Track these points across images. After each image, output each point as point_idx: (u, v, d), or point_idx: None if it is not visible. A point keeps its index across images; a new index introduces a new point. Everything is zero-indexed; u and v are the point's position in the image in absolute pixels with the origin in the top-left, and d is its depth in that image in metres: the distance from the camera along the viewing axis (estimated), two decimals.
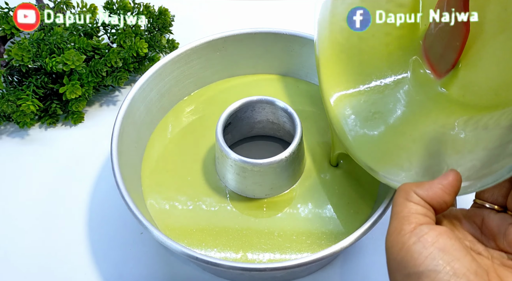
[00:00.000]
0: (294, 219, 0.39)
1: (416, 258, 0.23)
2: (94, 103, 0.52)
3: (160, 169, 0.42)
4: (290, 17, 0.61)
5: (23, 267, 0.41)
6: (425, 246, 0.23)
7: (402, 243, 0.24)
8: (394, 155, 0.34)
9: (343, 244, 0.33)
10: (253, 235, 0.38)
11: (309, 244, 0.38)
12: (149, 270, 0.41)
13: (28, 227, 0.43)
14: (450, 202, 0.26)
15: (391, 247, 0.25)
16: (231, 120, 0.40)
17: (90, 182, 0.46)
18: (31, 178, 0.47)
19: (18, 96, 0.46)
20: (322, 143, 0.43)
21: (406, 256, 0.23)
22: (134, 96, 0.41)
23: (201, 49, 0.45)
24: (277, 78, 0.48)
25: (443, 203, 0.26)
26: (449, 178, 0.26)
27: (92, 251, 0.42)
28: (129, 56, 0.49)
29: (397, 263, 0.24)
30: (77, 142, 0.49)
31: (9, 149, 0.49)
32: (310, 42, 0.44)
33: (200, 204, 0.40)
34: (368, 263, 0.41)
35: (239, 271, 0.34)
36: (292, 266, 0.32)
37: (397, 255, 0.24)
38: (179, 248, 0.33)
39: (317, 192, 0.40)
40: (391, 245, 0.25)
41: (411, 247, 0.23)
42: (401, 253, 0.24)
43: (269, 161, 0.37)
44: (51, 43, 0.46)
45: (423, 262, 0.23)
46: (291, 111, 0.39)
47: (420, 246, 0.23)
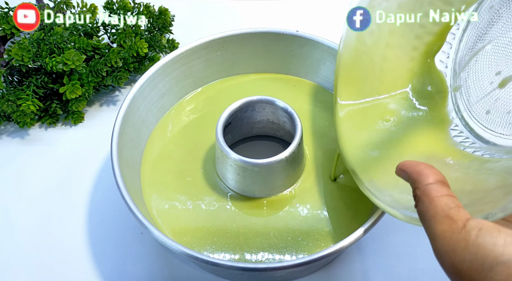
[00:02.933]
0: (294, 218, 0.39)
1: (492, 250, 0.22)
2: (94, 103, 0.52)
3: (160, 168, 0.42)
4: (290, 17, 0.61)
5: (23, 267, 0.41)
6: (494, 235, 0.22)
7: (464, 240, 0.23)
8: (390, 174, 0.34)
9: (342, 244, 0.33)
10: (253, 234, 0.38)
11: (309, 243, 0.38)
12: (149, 270, 0.41)
13: (28, 226, 0.43)
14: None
15: (452, 251, 0.23)
16: (231, 120, 0.40)
17: (90, 182, 0.46)
18: (31, 178, 0.47)
19: (18, 96, 0.46)
20: (322, 143, 0.43)
21: (479, 251, 0.22)
22: (134, 96, 0.41)
23: (201, 49, 0.45)
24: (277, 77, 0.48)
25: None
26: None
27: (92, 251, 0.42)
28: (129, 56, 0.49)
29: (469, 262, 0.22)
30: (77, 142, 0.49)
31: (9, 149, 0.49)
32: (310, 42, 0.44)
33: (200, 204, 0.40)
34: (368, 263, 0.41)
35: (239, 271, 0.34)
36: (292, 266, 0.32)
37: (465, 255, 0.22)
38: (179, 248, 0.33)
39: (317, 191, 0.40)
40: (451, 249, 0.23)
41: (478, 241, 0.22)
42: (470, 251, 0.22)
43: (269, 161, 0.37)
44: (51, 43, 0.46)
45: (504, 251, 0.22)
46: (291, 111, 0.39)
47: (488, 237, 0.22)
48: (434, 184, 0.25)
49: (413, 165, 0.27)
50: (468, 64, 0.35)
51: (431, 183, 0.25)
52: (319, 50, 0.45)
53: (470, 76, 0.35)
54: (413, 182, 0.26)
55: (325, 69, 0.46)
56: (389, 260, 0.41)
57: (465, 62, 0.36)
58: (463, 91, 0.36)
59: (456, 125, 0.36)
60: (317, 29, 0.47)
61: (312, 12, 0.61)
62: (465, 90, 0.36)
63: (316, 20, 0.60)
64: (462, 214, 0.24)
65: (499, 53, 0.33)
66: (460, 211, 0.24)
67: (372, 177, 0.34)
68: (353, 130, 0.37)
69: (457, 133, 0.35)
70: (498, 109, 0.33)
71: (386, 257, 0.41)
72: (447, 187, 0.26)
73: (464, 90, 0.36)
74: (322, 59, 0.45)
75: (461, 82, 0.36)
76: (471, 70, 0.35)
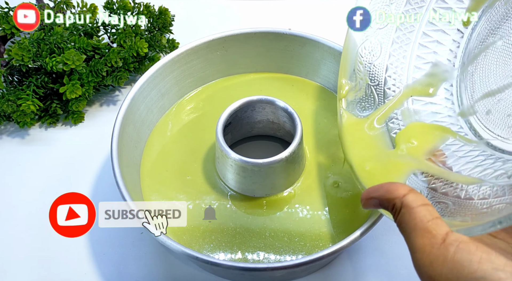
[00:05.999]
0: (294, 218, 0.39)
1: (468, 266, 0.22)
2: (94, 103, 0.52)
3: (160, 168, 0.42)
4: (290, 17, 0.61)
5: (23, 267, 0.41)
6: (471, 252, 0.23)
7: (442, 255, 0.23)
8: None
9: (342, 244, 0.33)
10: (253, 234, 0.38)
11: (309, 243, 0.38)
12: (149, 270, 0.41)
13: (28, 226, 0.43)
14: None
15: (430, 265, 0.24)
16: (231, 120, 0.40)
17: (90, 181, 0.46)
18: (31, 178, 0.47)
19: (18, 96, 0.46)
20: (323, 143, 0.43)
21: (455, 267, 0.23)
22: (134, 96, 0.41)
23: (201, 49, 0.45)
24: (277, 77, 0.48)
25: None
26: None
27: (92, 251, 0.42)
28: (129, 55, 0.49)
29: (445, 277, 0.23)
30: (77, 142, 0.49)
31: (9, 149, 0.49)
32: (310, 41, 0.44)
33: (200, 203, 0.40)
34: (368, 263, 0.41)
35: (239, 271, 0.34)
36: (292, 266, 0.32)
37: (442, 269, 0.23)
38: (179, 248, 0.33)
39: (317, 191, 0.40)
40: (429, 263, 0.24)
41: (455, 257, 0.23)
42: (447, 266, 0.23)
43: (269, 161, 0.37)
44: (51, 43, 0.46)
45: (478, 268, 0.22)
46: (291, 111, 0.39)
47: (465, 253, 0.23)
48: (409, 195, 0.26)
49: (378, 188, 0.28)
50: (477, 58, 0.35)
51: (406, 195, 0.26)
52: (319, 50, 0.45)
53: (477, 71, 0.35)
54: (387, 200, 0.27)
55: (325, 69, 0.46)
56: (389, 260, 0.41)
57: (474, 55, 0.35)
58: (468, 85, 0.35)
59: (457, 120, 0.36)
60: (317, 29, 0.47)
61: (312, 12, 0.61)
62: (470, 85, 0.35)
63: (316, 20, 0.60)
64: (441, 228, 0.24)
65: (508, 51, 0.33)
66: (438, 224, 0.25)
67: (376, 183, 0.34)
68: (356, 135, 0.37)
69: (457, 128, 0.35)
70: (499, 110, 0.33)
71: (386, 257, 0.41)
72: (419, 194, 0.26)
73: (469, 84, 0.35)
74: (323, 59, 0.45)
75: (467, 76, 0.36)
76: (479, 65, 0.35)
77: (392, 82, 0.38)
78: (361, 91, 0.39)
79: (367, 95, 0.39)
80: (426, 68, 0.38)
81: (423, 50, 0.38)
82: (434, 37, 0.37)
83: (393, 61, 0.38)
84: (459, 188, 0.30)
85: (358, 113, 0.38)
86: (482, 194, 0.29)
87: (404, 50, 0.38)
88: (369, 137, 0.37)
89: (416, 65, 0.38)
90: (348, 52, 0.39)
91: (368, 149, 0.36)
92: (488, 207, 0.27)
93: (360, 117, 0.38)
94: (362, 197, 0.29)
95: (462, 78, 0.36)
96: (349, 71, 0.39)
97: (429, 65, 0.38)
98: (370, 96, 0.39)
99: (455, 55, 0.37)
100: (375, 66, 0.38)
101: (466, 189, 0.30)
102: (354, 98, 0.39)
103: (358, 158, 0.36)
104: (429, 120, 0.36)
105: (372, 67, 0.38)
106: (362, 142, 0.37)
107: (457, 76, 0.36)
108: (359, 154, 0.36)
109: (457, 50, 0.37)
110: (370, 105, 0.38)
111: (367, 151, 0.36)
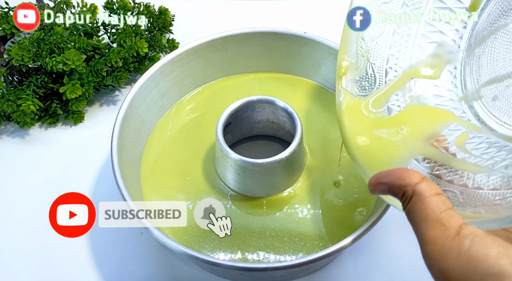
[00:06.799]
0: (294, 218, 0.39)
1: (484, 260, 0.22)
2: (94, 103, 0.52)
3: (160, 168, 0.42)
4: (290, 17, 0.61)
5: (23, 267, 0.41)
6: (487, 246, 0.22)
7: (457, 249, 0.22)
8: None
9: (342, 244, 0.33)
10: (253, 234, 0.38)
11: (309, 243, 0.38)
12: (149, 270, 0.41)
13: (28, 226, 0.43)
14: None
15: (443, 258, 0.23)
16: (231, 119, 0.40)
17: (90, 182, 0.46)
18: (31, 178, 0.47)
19: (18, 96, 0.46)
20: (323, 142, 0.43)
21: (471, 261, 0.22)
22: (134, 96, 0.41)
23: (201, 49, 0.45)
24: (277, 77, 0.48)
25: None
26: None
27: (92, 251, 0.42)
28: (129, 55, 0.49)
29: (460, 271, 0.22)
30: (77, 142, 0.49)
31: (9, 149, 0.49)
32: (310, 41, 0.44)
33: (200, 203, 0.40)
34: (368, 263, 0.41)
35: (239, 271, 0.34)
36: (292, 266, 0.32)
37: (456, 263, 0.22)
38: (179, 248, 0.33)
39: (317, 191, 0.40)
40: (441, 256, 0.23)
41: (471, 250, 0.22)
42: (461, 260, 0.22)
43: (269, 161, 0.37)
44: (51, 43, 0.46)
45: (496, 263, 0.21)
46: (291, 111, 0.39)
47: (481, 247, 0.22)
48: (422, 183, 0.25)
49: (389, 173, 0.26)
50: (485, 41, 0.33)
51: (419, 183, 0.25)
52: (319, 50, 0.45)
53: (485, 54, 0.33)
54: (398, 187, 0.26)
55: (325, 69, 0.46)
56: (389, 260, 0.41)
57: (482, 37, 0.33)
58: (474, 69, 0.34)
59: (460, 104, 0.34)
60: (317, 29, 0.47)
61: (312, 12, 0.61)
62: (476, 68, 0.33)
63: (316, 20, 0.60)
64: (454, 220, 0.23)
65: None
66: (451, 216, 0.23)
67: (375, 166, 0.32)
68: (355, 118, 0.35)
69: (460, 113, 0.33)
70: (507, 96, 0.31)
71: (386, 257, 0.41)
72: (433, 183, 0.25)
73: (475, 68, 0.34)
74: (323, 59, 0.45)
75: (474, 59, 0.33)
76: (488, 48, 0.33)
77: (395, 61, 0.36)
78: (362, 69, 0.36)
79: (368, 74, 0.37)
80: (431, 48, 0.36)
81: (429, 29, 0.36)
82: (440, 15, 0.35)
83: (396, 39, 0.36)
84: (466, 176, 0.29)
85: (357, 92, 0.36)
86: (492, 184, 0.27)
87: (409, 28, 0.36)
88: (367, 117, 0.35)
89: (421, 44, 0.36)
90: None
91: (367, 130, 0.34)
92: (502, 198, 0.26)
93: (359, 97, 0.36)
94: (370, 181, 0.27)
95: (468, 61, 0.34)
96: (350, 47, 0.36)
97: (433, 45, 0.36)
98: (371, 75, 0.36)
99: (461, 36, 0.35)
100: (377, 43, 0.36)
101: (473, 178, 0.28)
102: (354, 76, 0.36)
103: (355, 138, 0.34)
104: (432, 103, 0.35)
105: (374, 44, 0.36)
106: (361, 123, 0.35)
107: (462, 59, 0.35)
108: (357, 134, 0.34)
109: (464, 31, 0.35)
110: (371, 85, 0.36)
111: (365, 132, 0.34)
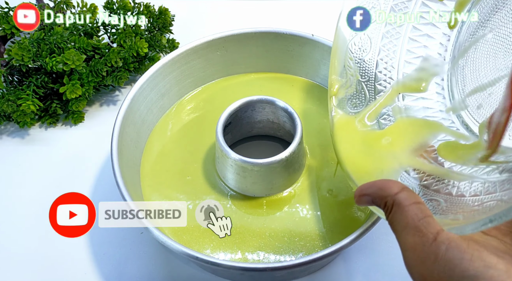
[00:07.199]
0: (294, 218, 0.39)
1: (460, 264, 0.22)
2: (94, 103, 0.52)
3: (160, 168, 0.42)
4: (290, 17, 0.61)
5: (23, 267, 0.41)
6: (462, 250, 0.23)
7: (434, 254, 0.23)
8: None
9: (342, 244, 0.33)
10: (253, 234, 0.38)
11: (309, 243, 0.38)
12: (149, 270, 0.41)
13: (28, 226, 0.43)
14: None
15: (421, 263, 0.24)
16: (231, 119, 0.40)
17: (90, 182, 0.46)
18: (31, 178, 0.47)
19: (18, 96, 0.46)
20: (323, 142, 0.43)
21: (447, 265, 0.23)
22: (134, 96, 0.41)
23: (201, 49, 0.45)
24: (277, 77, 0.48)
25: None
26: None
27: (92, 251, 0.42)
28: (129, 55, 0.49)
29: (437, 275, 0.23)
30: (77, 142, 0.49)
31: (9, 149, 0.49)
32: (309, 41, 0.44)
33: (200, 203, 0.40)
34: (368, 263, 0.41)
35: (239, 271, 0.34)
36: (292, 266, 0.32)
37: (433, 267, 0.23)
38: (179, 248, 0.33)
39: (317, 191, 0.40)
40: (420, 262, 0.24)
41: (447, 255, 0.23)
42: (438, 264, 0.23)
43: (269, 161, 0.37)
44: (51, 42, 0.46)
45: (470, 266, 0.22)
46: (291, 111, 0.39)
47: (456, 252, 0.23)
48: (401, 192, 0.26)
49: (371, 185, 0.28)
50: (467, 52, 0.34)
51: (398, 193, 0.26)
52: (319, 50, 0.45)
53: (468, 65, 0.34)
54: (380, 198, 0.27)
55: (325, 69, 0.46)
56: (389, 260, 0.41)
57: (464, 48, 0.35)
58: (459, 79, 0.35)
59: (449, 115, 0.35)
60: (317, 29, 0.47)
61: (312, 12, 0.61)
62: (461, 79, 0.35)
63: (316, 19, 0.60)
64: (432, 227, 0.24)
65: (498, 44, 0.32)
66: (429, 223, 0.24)
67: (367, 180, 0.34)
68: (348, 135, 0.37)
69: (449, 123, 0.35)
70: (490, 104, 0.32)
71: (386, 257, 0.41)
72: (412, 193, 0.26)
73: (460, 78, 0.35)
74: (322, 59, 0.45)
75: (458, 70, 0.35)
76: (470, 58, 0.34)
77: (383, 77, 0.38)
78: (352, 87, 0.38)
79: (358, 92, 0.38)
80: (417, 62, 0.37)
81: (413, 44, 0.37)
82: (424, 31, 0.37)
83: (383, 56, 0.38)
84: (451, 184, 0.30)
85: (349, 110, 0.38)
86: (473, 191, 0.28)
87: (394, 45, 0.38)
88: (359, 133, 0.36)
89: (407, 59, 0.37)
90: (337, 49, 0.38)
91: (358, 145, 0.36)
92: (480, 204, 0.27)
93: (351, 114, 0.38)
94: (355, 193, 0.29)
95: (453, 72, 0.35)
96: (339, 67, 0.38)
97: (419, 59, 0.37)
98: (361, 92, 0.38)
99: (445, 48, 0.36)
100: (365, 61, 0.38)
101: (458, 186, 0.29)
102: (345, 95, 0.38)
103: (348, 154, 0.35)
104: (421, 115, 0.36)
105: (362, 63, 0.38)
106: (352, 139, 0.36)
107: (448, 70, 0.36)
108: (349, 150, 0.35)
109: (448, 43, 0.36)
110: (361, 102, 0.38)
111: (357, 147, 0.36)
